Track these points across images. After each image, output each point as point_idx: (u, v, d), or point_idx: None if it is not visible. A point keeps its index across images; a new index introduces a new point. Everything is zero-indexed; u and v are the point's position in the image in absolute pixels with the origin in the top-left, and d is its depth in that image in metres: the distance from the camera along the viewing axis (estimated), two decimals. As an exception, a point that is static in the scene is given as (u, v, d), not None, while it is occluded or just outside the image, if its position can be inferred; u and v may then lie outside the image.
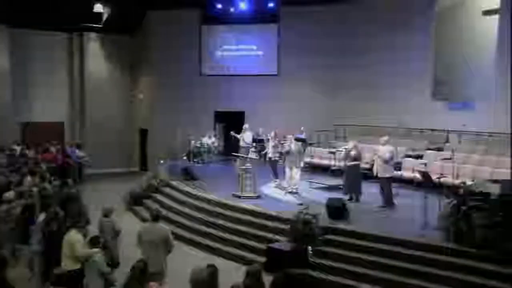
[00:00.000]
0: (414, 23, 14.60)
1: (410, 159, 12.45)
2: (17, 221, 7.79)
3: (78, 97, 19.32)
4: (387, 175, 10.06)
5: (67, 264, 6.28)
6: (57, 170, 13.69)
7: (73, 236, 6.40)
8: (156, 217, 6.86)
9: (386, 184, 10.12)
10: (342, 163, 11.71)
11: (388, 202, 10.07)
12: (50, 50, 18.50)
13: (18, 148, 15.16)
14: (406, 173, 11.83)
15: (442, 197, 8.63)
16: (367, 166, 12.18)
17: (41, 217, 7.43)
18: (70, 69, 19.24)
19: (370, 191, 10.88)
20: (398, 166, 11.68)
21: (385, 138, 10.40)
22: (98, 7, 17.80)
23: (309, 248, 8.15)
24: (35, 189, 9.30)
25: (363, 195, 10.67)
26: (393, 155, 10.16)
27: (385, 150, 10.06)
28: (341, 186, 11.17)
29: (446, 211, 7.78)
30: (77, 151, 16.81)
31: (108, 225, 7.47)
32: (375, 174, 10.26)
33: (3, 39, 17.17)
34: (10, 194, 8.56)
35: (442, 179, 9.39)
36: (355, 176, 10.63)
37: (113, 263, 7.15)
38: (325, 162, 13.67)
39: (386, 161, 9.97)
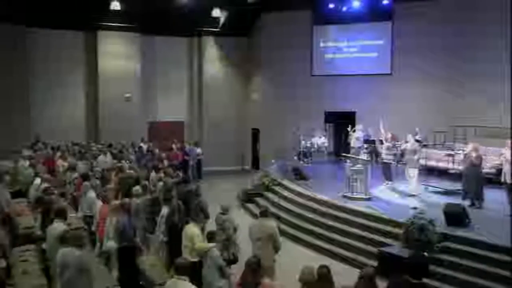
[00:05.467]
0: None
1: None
2: (146, 213, 8.51)
3: (196, 97, 20.51)
4: None
5: (187, 255, 6.68)
6: (178, 167, 14.72)
7: (192, 230, 6.84)
8: (263, 214, 7.07)
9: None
10: (461, 166, 10.98)
11: (516, 210, 9.15)
12: (172, 54, 19.83)
13: (144, 146, 16.61)
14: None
15: None
16: (492, 170, 11.28)
17: (165, 210, 8.07)
18: (189, 71, 20.50)
19: (497, 198, 10.03)
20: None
21: None
22: (216, 12, 18.87)
23: (425, 255, 7.80)
24: (160, 184, 10.14)
25: (488, 202, 9.88)
26: None
27: None
28: (460, 191, 10.50)
29: None
30: (195, 149, 17.96)
31: (226, 221, 7.80)
32: (502, 179, 9.37)
33: (137, 46, 18.88)
34: (138, 188, 9.38)
35: None
36: (476, 180, 9.89)
37: (233, 258, 7.50)
38: (442, 165, 12.89)
39: None
